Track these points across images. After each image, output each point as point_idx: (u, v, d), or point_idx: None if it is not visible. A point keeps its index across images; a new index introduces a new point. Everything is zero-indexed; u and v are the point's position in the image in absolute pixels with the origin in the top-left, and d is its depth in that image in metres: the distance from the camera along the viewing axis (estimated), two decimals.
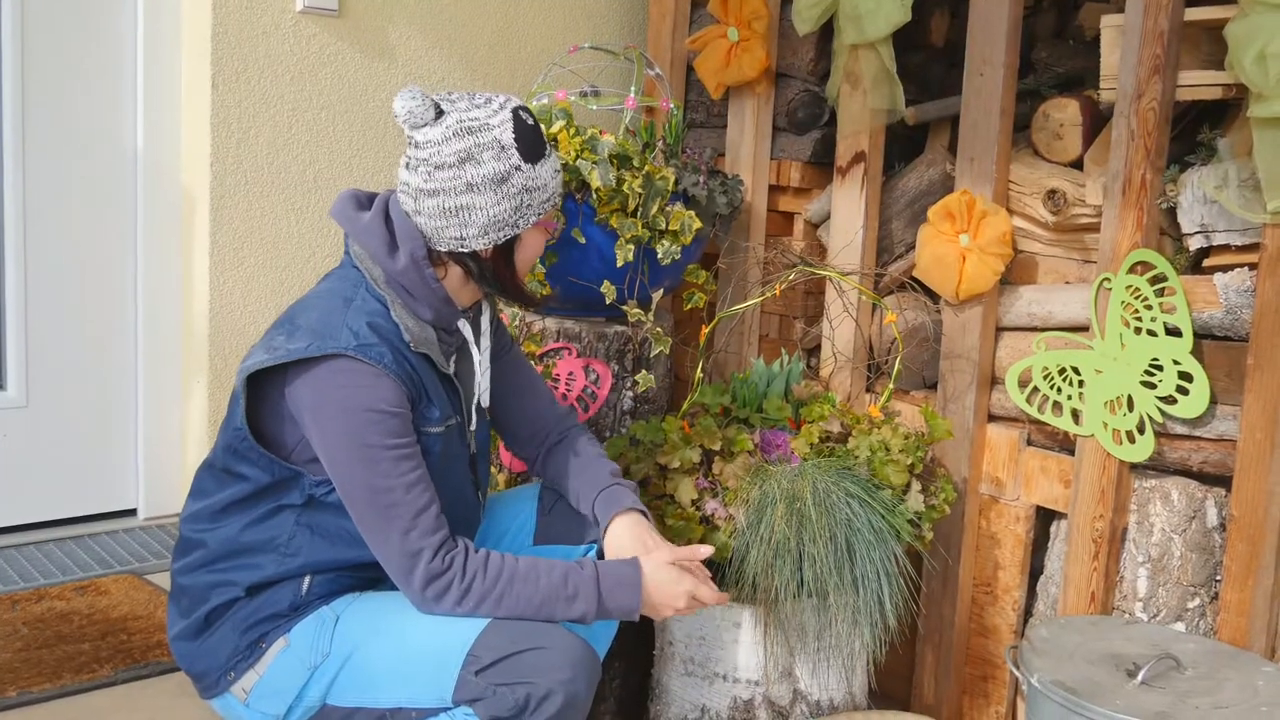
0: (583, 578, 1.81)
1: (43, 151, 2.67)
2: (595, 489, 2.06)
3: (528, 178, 1.84)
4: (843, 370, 2.84)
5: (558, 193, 1.92)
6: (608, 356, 2.67)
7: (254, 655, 1.82)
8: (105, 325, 2.80)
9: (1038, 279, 2.64)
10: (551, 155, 1.89)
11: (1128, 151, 2.35)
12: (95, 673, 2.12)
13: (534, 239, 1.92)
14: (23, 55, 2.62)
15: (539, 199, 1.87)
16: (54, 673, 2.10)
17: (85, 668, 2.13)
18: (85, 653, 2.19)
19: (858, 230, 2.81)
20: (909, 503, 2.34)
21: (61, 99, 2.68)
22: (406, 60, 3.03)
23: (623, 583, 1.83)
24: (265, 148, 2.82)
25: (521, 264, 1.92)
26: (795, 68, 3.00)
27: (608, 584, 1.82)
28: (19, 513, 2.73)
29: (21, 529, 2.73)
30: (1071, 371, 2.47)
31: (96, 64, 2.72)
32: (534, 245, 1.93)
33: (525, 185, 1.84)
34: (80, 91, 2.71)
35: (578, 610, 1.80)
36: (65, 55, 2.68)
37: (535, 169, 1.85)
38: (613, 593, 1.82)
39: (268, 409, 1.83)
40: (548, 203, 1.90)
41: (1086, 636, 2.26)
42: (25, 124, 2.64)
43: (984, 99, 2.56)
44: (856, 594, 2.22)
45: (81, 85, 2.71)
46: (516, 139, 1.82)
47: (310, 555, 1.84)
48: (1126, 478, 2.44)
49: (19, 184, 2.65)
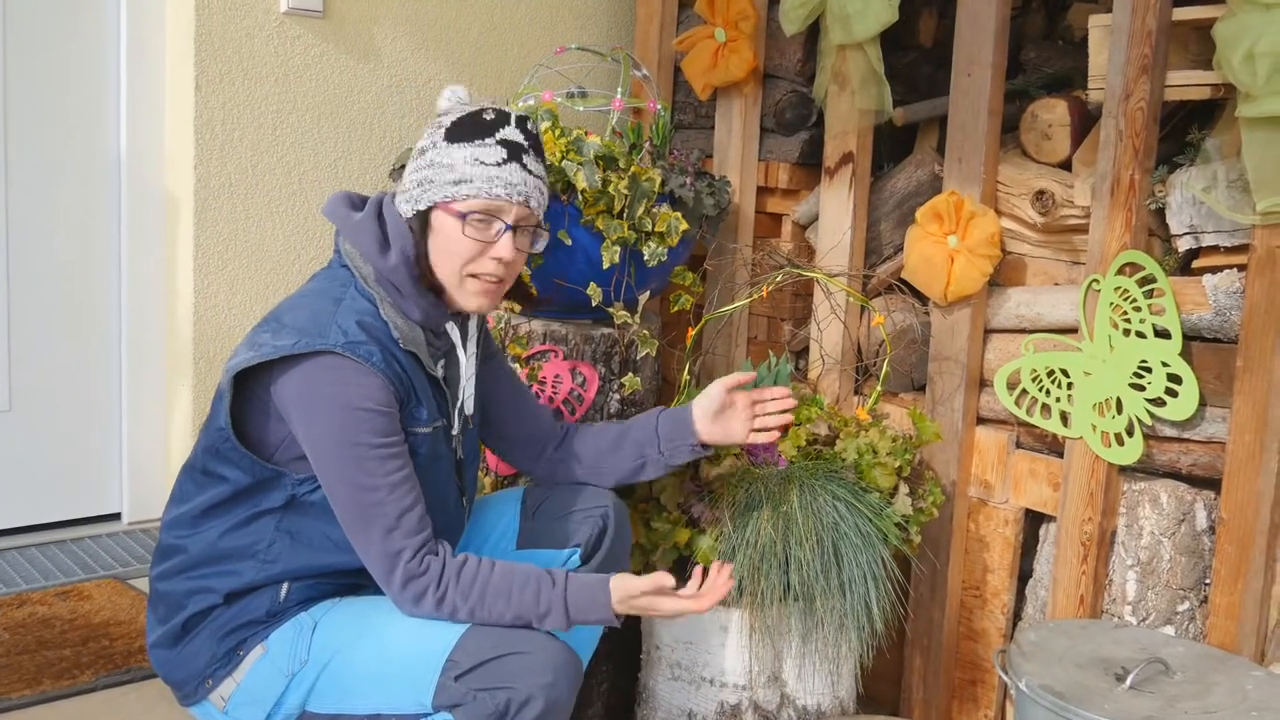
0: (554, 596, 1.78)
1: (24, 154, 2.65)
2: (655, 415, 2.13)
3: (439, 154, 1.83)
4: (831, 373, 2.83)
5: (482, 188, 1.80)
6: (594, 359, 2.65)
7: (232, 663, 1.80)
8: (89, 329, 2.78)
9: (1026, 280, 2.63)
10: (486, 147, 1.81)
11: (1116, 152, 2.33)
12: (76, 679, 2.10)
13: (448, 228, 1.82)
14: (3, 57, 2.60)
15: (442, 178, 1.82)
16: (34, 679, 2.08)
17: (66, 674, 2.11)
18: (66, 658, 2.17)
19: (846, 231, 2.79)
20: (896, 506, 2.33)
21: (42, 101, 2.66)
22: (392, 62, 3.02)
23: (594, 604, 1.80)
24: (249, 151, 2.81)
25: (435, 251, 1.83)
26: (783, 68, 2.98)
27: (577, 605, 1.79)
28: (2, 517, 2.70)
29: (4, 533, 2.71)
30: (1060, 373, 2.45)
31: (79, 65, 2.70)
32: (449, 235, 1.82)
33: (433, 161, 1.83)
34: (62, 93, 2.69)
35: (548, 626, 1.78)
36: (46, 57, 2.66)
37: (449, 149, 1.83)
38: (583, 611, 1.79)
39: (253, 408, 1.81)
40: (457, 187, 1.81)
41: (1075, 640, 2.24)
42: (6, 126, 2.62)
43: (972, 99, 2.54)
44: (843, 598, 2.21)
45: (63, 87, 2.69)
46: (454, 123, 1.84)
47: (289, 562, 1.82)
48: (1115, 480, 2.42)
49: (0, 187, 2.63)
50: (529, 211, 1.85)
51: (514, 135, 1.83)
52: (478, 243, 1.82)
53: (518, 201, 1.83)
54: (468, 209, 1.82)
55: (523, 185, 1.83)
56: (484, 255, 1.83)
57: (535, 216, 1.87)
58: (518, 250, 1.86)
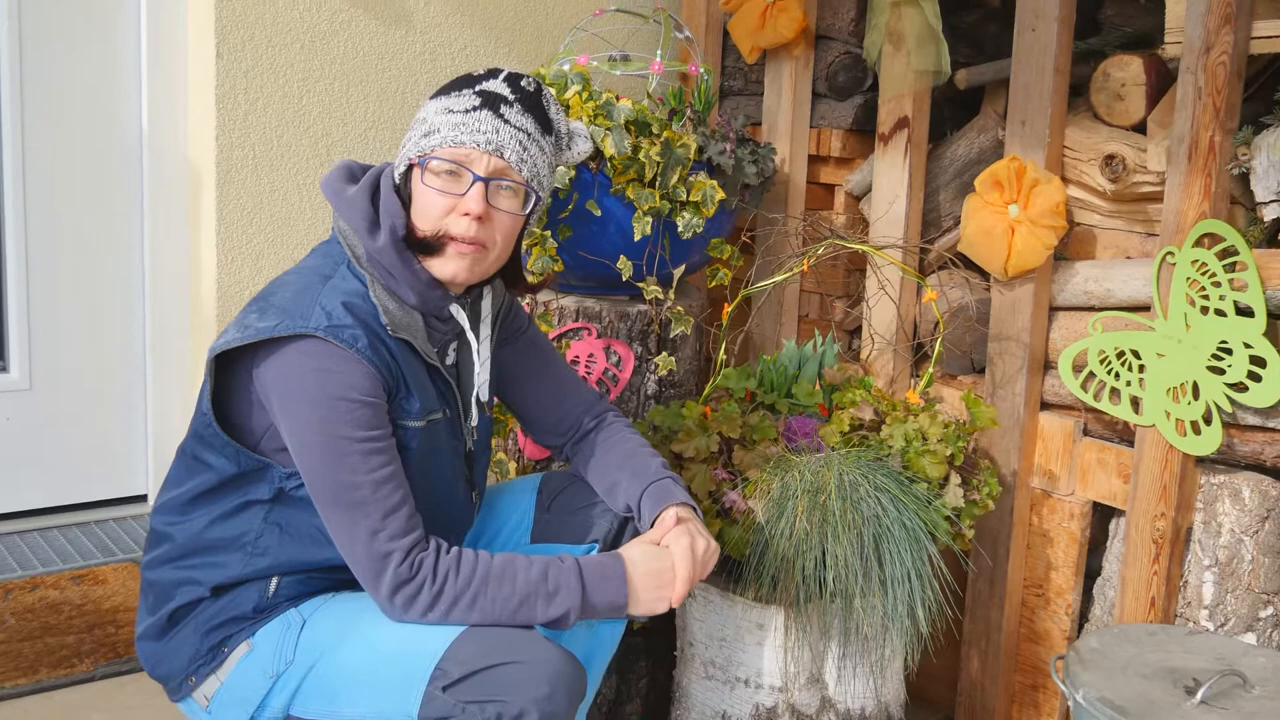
0: (563, 571, 1.65)
1: (41, 126, 2.57)
2: (643, 481, 1.88)
3: (421, 110, 1.74)
4: (885, 354, 2.64)
5: (440, 133, 1.67)
6: (630, 337, 2.51)
7: (216, 659, 1.69)
8: (111, 305, 2.70)
9: (1096, 254, 2.42)
10: (459, 96, 1.69)
11: (1194, 111, 2.12)
12: (74, 668, 2.03)
13: (421, 188, 1.69)
14: (19, 25, 2.51)
15: (418, 133, 1.71)
16: (31, 667, 2.01)
17: (65, 662, 2.04)
18: (68, 646, 2.09)
19: (901, 202, 2.61)
20: (946, 498, 2.15)
21: (60, 71, 2.58)
22: (425, 27, 2.89)
23: (607, 575, 1.67)
24: (274, 121, 2.70)
25: (415, 216, 1.70)
26: (836, 28, 2.80)
27: (592, 577, 1.66)
28: (23, 499, 2.63)
29: (25, 515, 2.64)
30: (1131, 355, 2.25)
31: (97, 32, 2.61)
32: (423, 195, 1.69)
33: (418, 116, 1.74)
34: (80, 62, 2.60)
35: (559, 608, 1.64)
36: (63, 25, 2.57)
37: (429, 103, 1.73)
38: (597, 586, 1.66)
39: (238, 393, 1.69)
40: (425, 139, 1.69)
41: (1143, 648, 2.05)
42: (23, 99, 2.54)
43: (1036, 56, 2.34)
44: (885, 597, 2.04)
45: (81, 56, 2.60)
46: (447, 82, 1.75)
47: (279, 555, 1.70)
48: (1192, 473, 2.21)
49: (18, 160, 2.55)
50: (504, 164, 1.68)
51: (497, 87, 1.69)
52: (445, 195, 1.67)
53: (488, 150, 1.67)
54: (434, 158, 1.68)
55: (494, 134, 1.67)
56: (456, 212, 1.68)
57: (514, 172, 1.70)
58: (495, 208, 1.70)
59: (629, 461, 1.90)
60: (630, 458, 1.90)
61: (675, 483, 1.86)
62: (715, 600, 2.24)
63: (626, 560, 1.70)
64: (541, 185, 1.75)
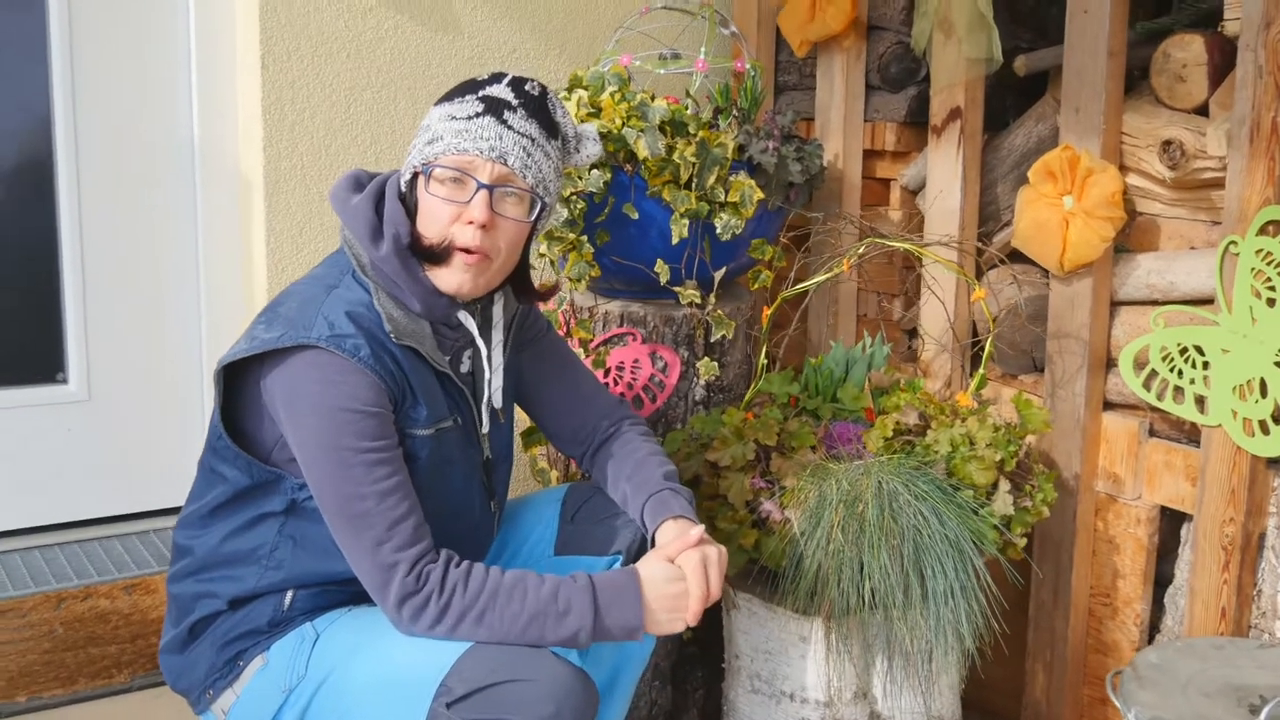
0: (575, 590, 1.60)
1: (95, 139, 2.61)
2: (645, 493, 1.84)
3: (426, 116, 1.72)
4: (944, 354, 2.55)
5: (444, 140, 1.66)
6: (675, 342, 2.45)
7: (232, 673, 1.69)
8: (167, 317, 2.73)
9: (1160, 245, 2.30)
10: (462, 102, 1.68)
11: (1255, 91, 1.99)
12: (113, 678, 2.05)
13: (426, 196, 1.67)
14: (72, 38, 2.55)
15: (422, 140, 1.70)
16: (70, 678, 2.04)
17: (104, 673, 2.06)
18: (110, 656, 2.12)
19: (955, 196, 2.51)
20: (995, 506, 2.05)
21: (113, 83, 2.61)
22: (473, 32, 2.87)
23: (622, 594, 1.62)
24: (322, 130, 2.70)
25: (422, 226, 1.68)
26: (887, 18, 2.71)
27: (605, 597, 1.61)
28: (83, 508, 2.67)
29: (84, 524, 2.68)
30: (1194, 351, 2.13)
31: (148, 43, 2.64)
32: (426, 204, 1.67)
33: (422, 123, 1.72)
34: (133, 74, 2.63)
35: (570, 628, 1.59)
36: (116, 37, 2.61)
37: (433, 110, 1.71)
38: (610, 607, 1.61)
39: (248, 404, 1.69)
40: (430, 147, 1.67)
41: (1209, 663, 1.93)
42: (77, 112, 2.58)
43: (1088, 40, 2.23)
44: (925, 610, 1.95)
45: (134, 67, 2.63)
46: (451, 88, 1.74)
47: (293, 568, 1.69)
48: (1263, 475, 2.08)
49: (73, 175, 2.59)
50: (508, 171, 1.65)
51: (501, 93, 1.66)
52: (450, 204, 1.65)
53: (491, 158, 1.64)
54: (437, 166, 1.66)
55: (497, 140, 1.64)
56: (460, 221, 1.65)
57: (518, 178, 1.67)
58: (500, 215, 1.66)
59: (637, 472, 1.85)
60: (639, 468, 1.86)
61: (674, 494, 1.81)
62: (759, 612, 2.18)
63: (643, 580, 1.65)
64: (548, 191, 1.71)
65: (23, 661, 2.07)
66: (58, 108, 2.57)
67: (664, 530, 1.77)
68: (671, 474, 1.86)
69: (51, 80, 2.55)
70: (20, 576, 2.38)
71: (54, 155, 2.58)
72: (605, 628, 1.61)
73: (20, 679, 2.01)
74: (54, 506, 2.64)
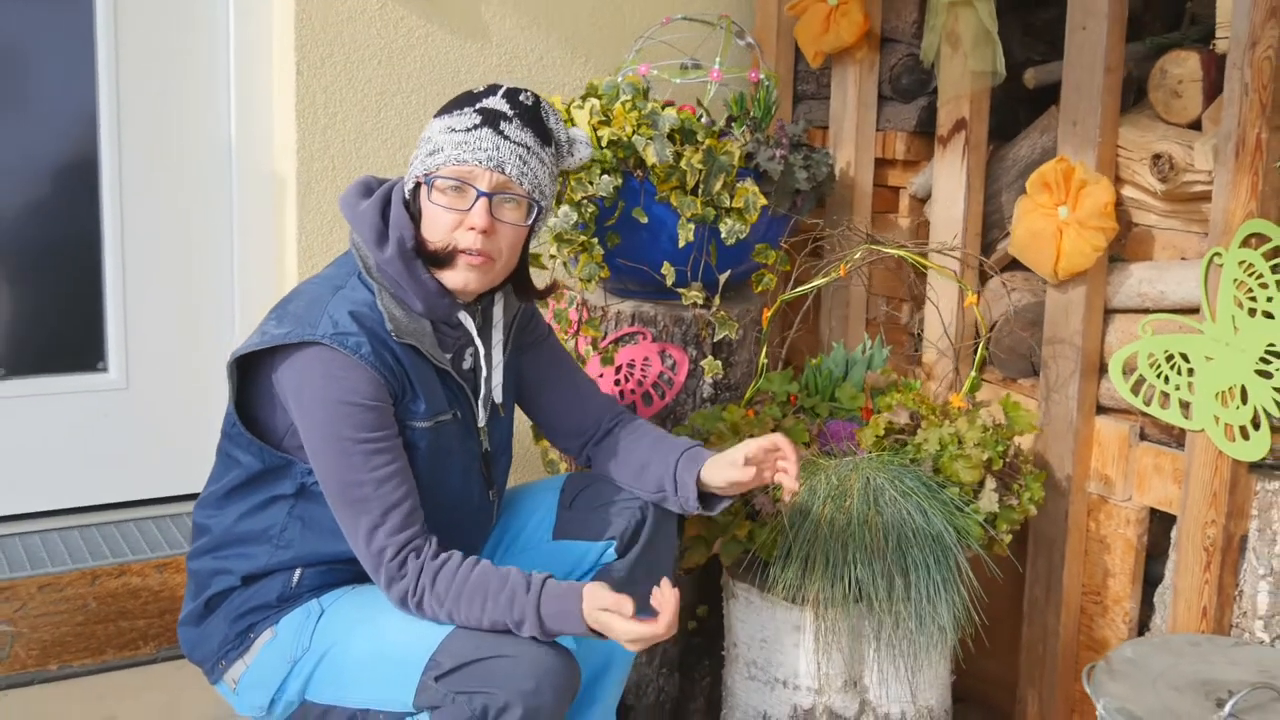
0: (527, 603, 1.68)
1: (137, 141, 2.74)
2: (675, 453, 1.95)
3: (426, 128, 1.82)
4: (946, 357, 2.62)
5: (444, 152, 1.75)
6: (685, 341, 2.55)
7: (243, 645, 1.81)
8: (204, 309, 2.86)
9: (1154, 255, 2.36)
10: (461, 115, 1.77)
11: (1241, 108, 2.06)
12: (138, 650, 2.17)
13: (429, 206, 1.78)
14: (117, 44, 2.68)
15: (424, 151, 1.80)
16: (100, 649, 2.16)
17: (131, 644, 2.19)
18: (138, 629, 2.24)
19: (959, 204, 2.58)
20: (981, 503, 2.13)
21: (154, 86, 2.75)
22: (501, 39, 2.98)
23: (566, 615, 1.68)
24: (352, 134, 2.82)
25: (425, 231, 1.79)
26: (900, 30, 2.78)
27: (549, 613, 1.68)
28: (120, 491, 2.81)
29: (123, 506, 2.82)
30: (1180, 358, 2.19)
31: (189, 49, 2.77)
32: (430, 214, 1.78)
33: (423, 135, 1.82)
34: (173, 77, 2.76)
35: (525, 634, 1.69)
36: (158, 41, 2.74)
37: (433, 122, 1.81)
38: (556, 621, 1.69)
39: (261, 394, 1.81)
40: (432, 158, 1.77)
41: (1181, 658, 1.99)
42: (120, 113, 2.71)
43: (1086, 55, 2.29)
44: (907, 603, 2.03)
45: (175, 71, 2.76)
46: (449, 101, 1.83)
47: (302, 548, 1.81)
48: (1244, 479, 2.14)
49: (115, 173, 2.72)
50: (505, 179, 1.76)
51: (497, 104, 1.76)
52: (452, 212, 1.76)
53: (490, 167, 1.75)
54: (439, 176, 1.76)
55: (494, 150, 1.74)
56: (462, 227, 1.76)
57: (515, 185, 1.77)
58: (499, 221, 1.77)
59: (658, 444, 1.97)
60: (660, 440, 1.98)
61: (704, 449, 1.94)
62: (755, 601, 2.27)
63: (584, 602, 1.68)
64: (543, 195, 1.82)
65: (57, 633, 2.20)
66: (103, 111, 2.71)
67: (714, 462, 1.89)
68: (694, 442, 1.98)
69: (98, 85, 2.69)
70: (59, 554, 2.52)
71: (99, 156, 2.72)
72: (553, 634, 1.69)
73: (53, 648, 2.14)
74: (92, 488, 2.78)
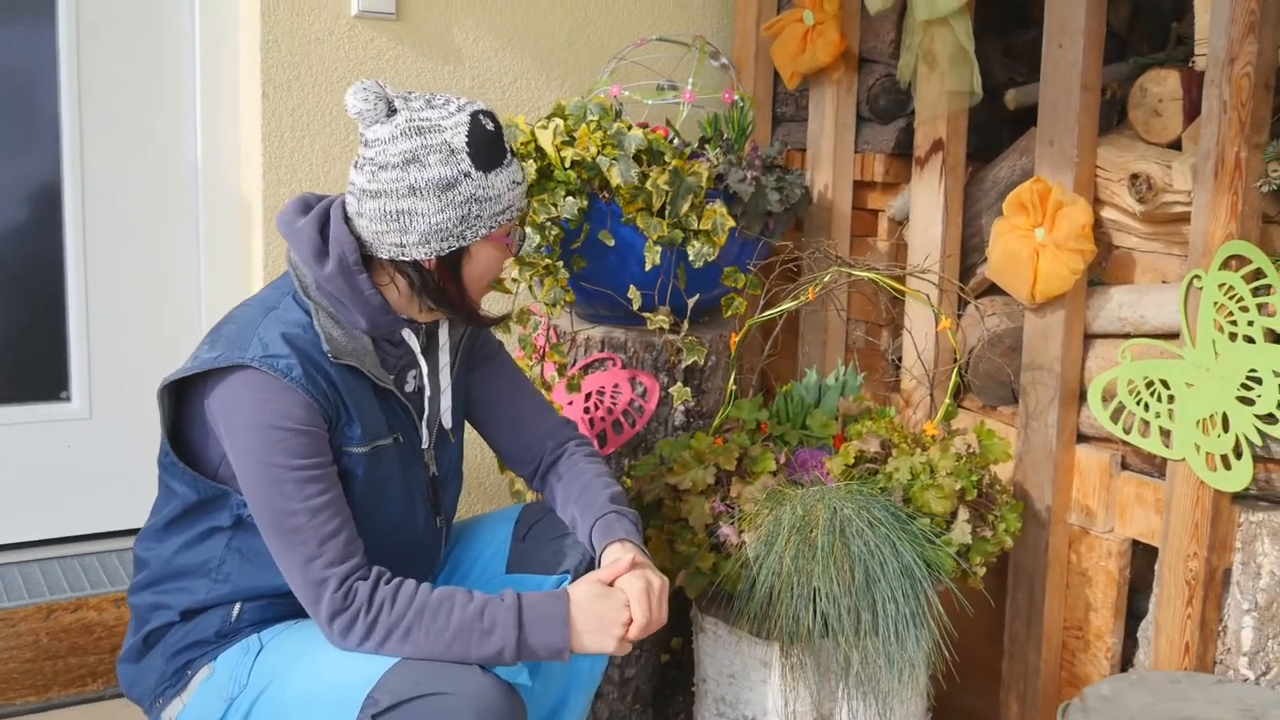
0: (501, 609, 1.63)
1: (101, 163, 2.70)
2: (592, 516, 1.87)
3: (477, 186, 1.70)
4: (923, 384, 2.55)
5: (517, 206, 1.77)
6: (655, 368, 2.48)
7: (180, 682, 1.74)
8: (169, 336, 2.81)
9: (1135, 277, 2.29)
10: (512, 165, 1.75)
11: (1219, 126, 1.99)
12: (85, 687, 2.11)
13: (486, 254, 1.76)
14: (79, 64, 2.65)
15: (490, 210, 1.72)
16: (45, 686, 2.10)
17: (77, 681, 2.12)
18: (87, 666, 2.18)
19: (936, 227, 2.52)
20: (953, 535, 2.05)
21: (118, 107, 2.71)
22: (474, 61, 2.93)
23: (547, 614, 1.64)
24: (320, 158, 2.78)
25: (471, 280, 1.77)
26: (877, 51, 2.73)
27: (530, 616, 1.64)
28: (83, 523, 2.76)
29: (84, 539, 2.76)
30: (1160, 385, 2.12)
31: (154, 71, 2.73)
32: (486, 261, 1.77)
33: (473, 194, 1.70)
34: (137, 98, 2.72)
35: (494, 646, 1.62)
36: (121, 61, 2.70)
37: (487, 178, 1.70)
38: (535, 626, 1.63)
39: (195, 422, 1.75)
40: (502, 215, 1.74)
41: (1160, 697, 1.92)
42: (83, 135, 2.67)
43: (1062, 74, 2.24)
44: (875, 638, 1.96)
45: (138, 92, 2.72)
46: (469, 143, 1.69)
47: (240, 581, 1.74)
48: (1227, 510, 2.07)
49: (78, 195, 2.68)
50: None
51: (507, 138, 1.74)
52: (503, 251, 1.80)
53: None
54: (508, 229, 1.79)
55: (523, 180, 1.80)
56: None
57: None
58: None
59: (584, 495, 1.88)
60: (585, 490, 1.89)
61: (620, 516, 1.83)
62: (723, 636, 2.20)
63: (572, 601, 1.68)
64: None
65: (3, 669, 2.13)
66: (65, 134, 2.66)
67: (608, 553, 1.80)
68: (618, 495, 1.89)
69: (60, 107, 2.65)
70: (16, 588, 2.46)
71: (61, 180, 2.68)
72: (530, 647, 1.64)
73: None
74: (54, 522, 2.73)
